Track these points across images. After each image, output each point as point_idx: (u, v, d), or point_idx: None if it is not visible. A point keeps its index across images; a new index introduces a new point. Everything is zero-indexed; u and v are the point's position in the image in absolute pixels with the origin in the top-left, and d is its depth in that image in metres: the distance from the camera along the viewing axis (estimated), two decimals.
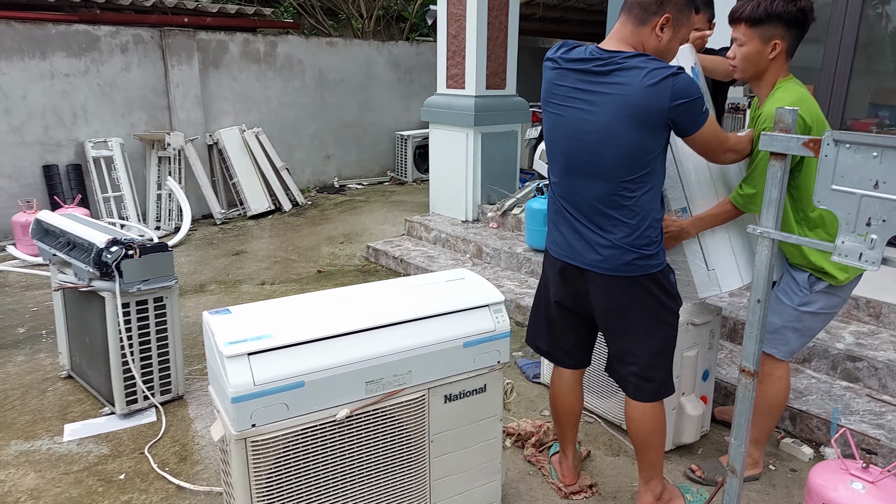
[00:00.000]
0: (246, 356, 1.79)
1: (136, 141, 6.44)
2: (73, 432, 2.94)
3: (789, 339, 2.41)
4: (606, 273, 2.15)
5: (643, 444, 2.30)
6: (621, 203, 2.11)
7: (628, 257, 2.13)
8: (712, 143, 2.15)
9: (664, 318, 2.22)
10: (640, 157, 2.07)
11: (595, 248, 2.16)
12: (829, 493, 1.98)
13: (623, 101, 2.01)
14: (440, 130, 5.92)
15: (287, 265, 5.50)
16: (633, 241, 2.12)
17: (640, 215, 2.12)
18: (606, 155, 2.08)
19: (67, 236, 3.02)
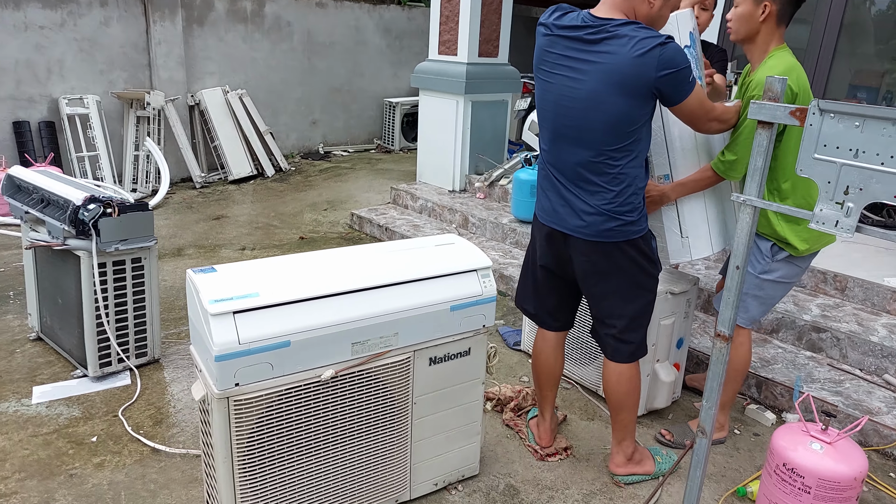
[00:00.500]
0: (231, 314, 1.74)
1: (113, 99, 6.24)
2: (42, 394, 2.87)
3: (749, 307, 2.47)
4: (589, 238, 2.18)
5: (618, 405, 2.35)
6: (605, 170, 2.12)
7: (611, 224, 2.15)
8: (698, 112, 2.16)
9: (643, 283, 2.26)
10: (626, 126, 2.08)
11: (578, 214, 2.18)
12: (789, 453, 2.04)
13: (611, 70, 2.02)
14: (430, 97, 5.82)
15: (269, 231, 5.41)
16: (615, 207, 2.14)
17: (625, 183, 2.13)
18: (592, 122, 2.09)
19: (41, 193, 2.91)
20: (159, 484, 2.33)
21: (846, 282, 3.49)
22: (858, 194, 1.55)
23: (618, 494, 2.35)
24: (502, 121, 5.93)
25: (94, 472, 2.38)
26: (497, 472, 2.45)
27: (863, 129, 1.52)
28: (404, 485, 2.21)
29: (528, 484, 2.39)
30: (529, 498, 2.31)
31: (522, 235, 4.76)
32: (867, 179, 1.52)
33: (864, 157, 1.52)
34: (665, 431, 2.68)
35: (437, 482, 2.30)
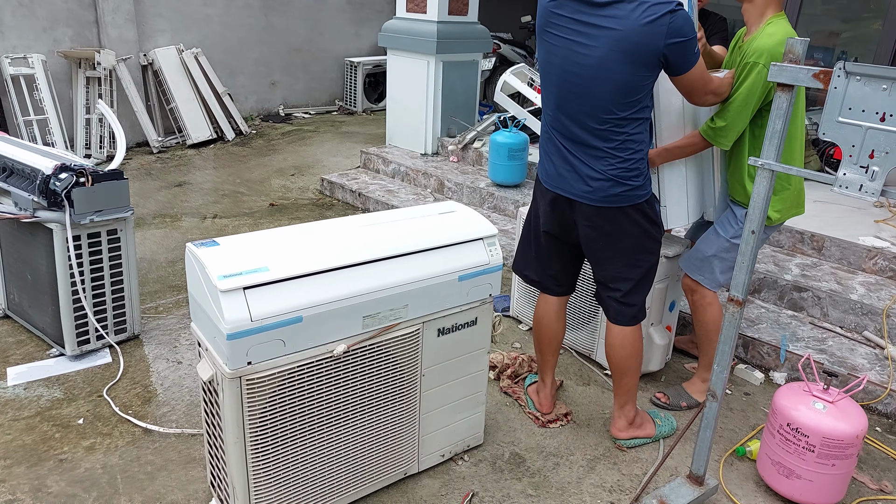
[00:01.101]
0: (242, 290, 1.66)
1: (60, 59, 5.83)
2: (17, 376, 2.72)
3: (714, 268, 2.53)
4: (595, 204, 2.17)
5: (620, 369, 2.37)
6: (611, 136, 2.11)
7: (617, 189, 2.14)
8: (697, 84, 2.16)
9: (647, 247, 2.27)
10: (633, 94, 2.07)
11: (584, 180, 2.16)
12: (792, 413, 2.09)
13: (619, 36, 1.99)
14: (399, 57, 5.64)
15: (236, 198, 5.22)
16: (621, 173, 2.13)
17: (631, 148, 2.13)
18: (598, 89, 2.06)
19: (3, 161, 2.70)
20: (156, 465, 2.25)
21: (823, 241, 3.59)
22: (884, 158, 1.55)
23: (621, 459, 2.39)
24: (473, 82, 5.81)
25: (86, 455, 2.28)
26: (500, 440, 2.46)
27: (890, 92, 1.52)
28: (413, 457, 2.20)
29: (533, 451, 2.41)
30: (535, 465, 2.33)
31: (501, 200, 4.73)
32: (894, 144, 1.53)
33: (892, 121, 1.52)
34: (660, 394, 2.74)
35: (444, 453, 2.29)
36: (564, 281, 2.47)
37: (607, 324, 2.39)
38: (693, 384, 2.73)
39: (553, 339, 2.52)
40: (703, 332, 2.63)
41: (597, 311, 2.90)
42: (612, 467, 2.34)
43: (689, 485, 2.05)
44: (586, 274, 2.89)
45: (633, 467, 2.35)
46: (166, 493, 2.13)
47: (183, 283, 3.66)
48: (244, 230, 4.55)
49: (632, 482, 2.27)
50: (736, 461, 2.41)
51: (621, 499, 2.19)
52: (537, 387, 2.64)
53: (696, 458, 2.02)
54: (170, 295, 3.51)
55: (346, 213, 5.05)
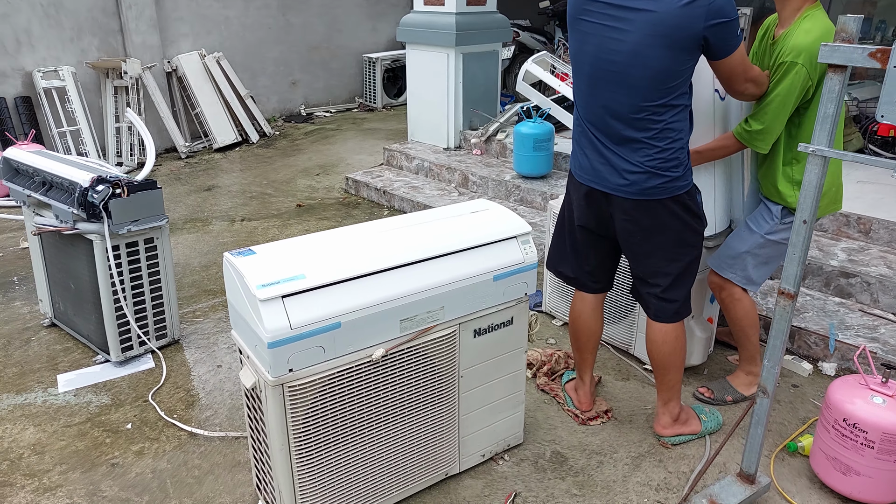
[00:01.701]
0: (280, 299, 1.67)
1: (88, 70, 5.93)
2: (67, 382, 2.79)
3: (747, 265, 2.46)
4: (632, 197, 2.11)
5: (663, 366, 2.32)
6: (649, 126, 2.05)
7: (655, 181, 2.09)
8: (738, 69, 2.09)
9: (688, 240, 2.21)
10: (671, 80, 2.00)
11: (620, 173, 2.11)
12: (849, 407, 2.03)
13: (655, 20, 1.92)
14: (418, 51, 5.62)
15: (264, 200, 5.27)
16: (660, 164, 2.07)
17: (670, 137, 2.07)
18: (635, 77, 2.00)
19: (42, 175, 2.76)
20: (203, 470, 2.29)
21: (870, 224, 3.47)
22: None
23: (667, 456, 2.36)
24: (494, 72, 5.76)
25: (136, 460, 2.33)
26: (541, 438, 2.45)
27: None
28: (453, 458, 2.20)
29: (575, 449, 2.39)
30: (578, 464, 2.32)
31: (527, 192, 4.70)
32: None
33: None
34: (704, 389, 2.68)
35: (485, 453, 2.29)
36: (601, 277, 2.42)
37: (647, 320, 2.34)
38: (737, 377, 2.68)
39: (591, 337, 2.48)
40: (738, 328, 2.58)
41: (634, 305, 2.86)
42: (657, 465, 2.32)
43: (741, 483, 2.01)
44: (622, 267, 2.86)
45: (680, 464, 2.32)
46: (214, 496, 2.17)
47: (217, 287, 3.71)
48: (273, 231, 4.59)
49: (679, 480, 2.24)
50: (787, 457, 2.36)
51: (669, 497, 2.17)
52: (575, 384, 2.62)
53: (747, 456, 1.98)
54: (205, 299, 3.56)
55: (371, 211, 5.06)
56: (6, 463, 2.31)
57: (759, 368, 2.67)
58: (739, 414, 2.50)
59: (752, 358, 2.65)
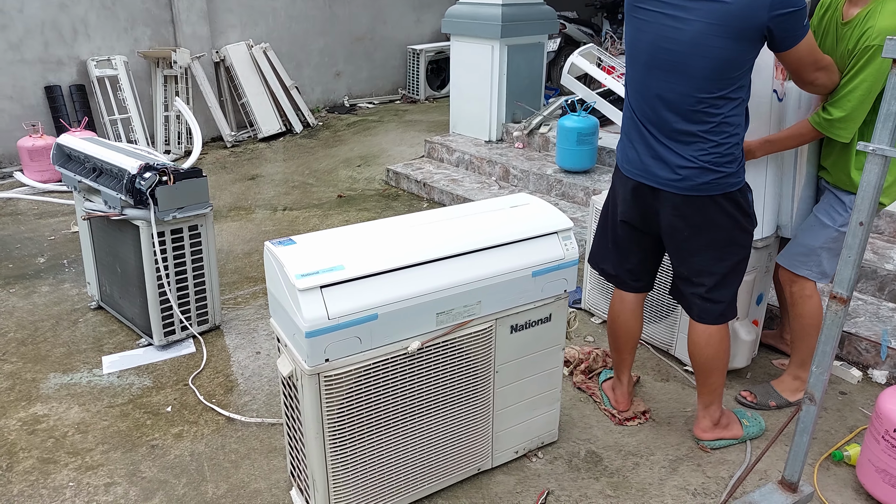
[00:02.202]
0: (319, 289, 1.68)
1: (140, 59, 6.09)
2: (111, 364, 2.88)
3: (822, 260, 2.37)
4: (683, 193, 2.05)
5: (705, 369, 2.26)
6: (706, 119, 1.98)
7: (708, 176, 2.02)
8: (807, 59, 2.00)
9: (738, 239, 2.14)
10: (731, 71, 1.93)
11: (671, 167, 2.05)
12: None
13: (717, 9, 1.86)
14: (463, 43, 5.58)
15: (306, 190, 5.33)
16: (714, 158, 2.01)
17: (726, 132, 2.00)
18: (694, 67, 1.94)
19: (93, 162, 2.84)
20: (240, 454, 2.33)
21: None
22: None
23: (706, 460, 2.30)
24: (539, 65, 5.69)
25: (175, 442, 2.39)
26: (576, 437, 2.41)
27: None
28: (486, 453, 2.18)
29: (610, 450, 2.35)
30: (614, 465, 2.28)
31: (569, 187, 4.63)
32: None
33: None
34: (746, 393, 2.60)
35: (518, 450, 2.27)
36: (643, 276, 2.37)
37: (690, 321, 2.28)
38: (783, 382, 2.59)
39: (629, 337, 2.43)
40: (800, 326, 2.47)
41: (677, 305, 2.79)
42: (696, 469, 2.26)
43: (782, 491, 1.94)
44: (664, 265, 2.79)
45: (720, 469, 2.25)
46: (250, 481, 2.20)
47: (258, 274, 3.77)
48: (314, 221, 4.64)
49: (717, 486, 2.18)
50: (832, 466, 2.28)
51: (707, 503, 2.11)
52: (613, 384, 2.57)
53: (790, 464, 1.91)
54: (247, 286, 3.62)
55: (411, 203, 5.07)
56: (51, 440, 2.40)
57: (808, 374, 2.57)
58: (783, 420, 2.42)
59: (804, 363, 2.54)
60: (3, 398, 2.64)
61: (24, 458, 2.30)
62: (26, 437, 2.41)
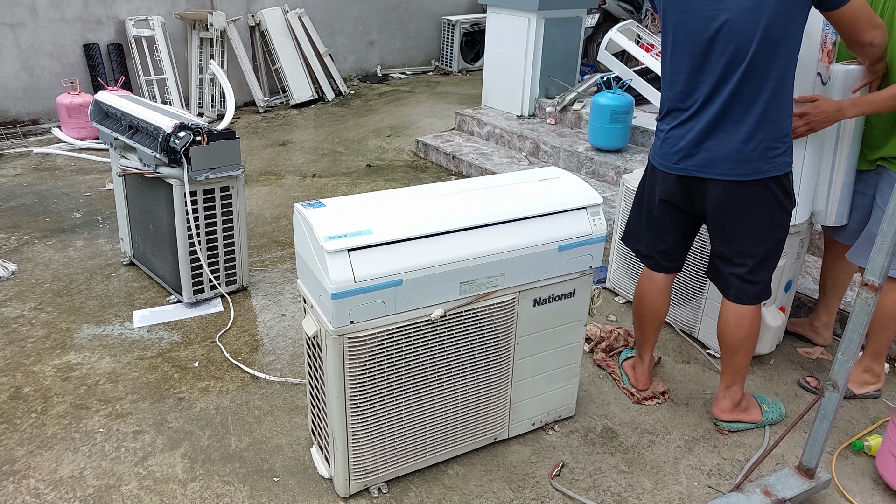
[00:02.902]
0: (346, 252, 1.70)
1: (176, 21, 6.13)
2: (142, 319, 2.96)
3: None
4: (731, 177, 2.02)
5: (733, 349, 2.25)
6: (752, 97, 1.94)
7: (755, 157, 1.98)
8: (861, 15, 1.92)
9: (780, 220, 2.12)
10: (779, 40, 1.88)
11: (722, 150, 2.01)
12: None
13: None
14: (499, 14, 5.50)
15: (335, 158, 5.35)
16: (763, 135, 1.97)
17: (778, 108, 1.96)
18: (738, 38, 1.89)
19: (129, 119, 2.89)
20: (263, 410, 2.39)
21: None
22: None
23: (722, 442, 2.30)
24: (576, 40, 5.59)
25: (201, 396, 2.46)
26: (593, 413, 2.42)
27: None
28: (503, 423, 2.21)
29: (627, 427, 2.36)
30: (629, 441, 2.29)
31: (600, 165, 4.58)
32: None
33: None
34: (811, 378, 2.60)
35: (535, 422, 2.29)
36: (676, 256, 2.34)
37: (723, 301, 2.25)
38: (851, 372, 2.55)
39: (655, 317, 2.42)
40: (879, 318, 2.39)
41: (702, 287, 2.77)
42: (712, 450, 2.26)
43: (799, 476, 1.94)
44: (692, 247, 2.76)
45: (736, 452, 2.25)
46: (272, 436, 2.27)
47: (286, 238, 3.82)
48: (342, 189, 4.67)
49: (733, 468, 2.18)
50: (851, 455, 2.26)
51: (721, 483, 2.12)
52: (633, 362, 2.57)
53: (809, 450, 1.90)
54: (275, 250, 3.68)
55: (439, 175, 5.06)
56: (84, 388, 2.49)
57: (880, 367, 2.54)
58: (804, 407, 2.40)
59: (879, 355, 2.49)
60: (39, 345, 2.74)
61: (58, 403, 2.40)
62: (60, 384, 2.50)
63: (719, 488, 2.10)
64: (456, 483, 2.08)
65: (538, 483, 2.09)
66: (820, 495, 2.05)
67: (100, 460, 2.14)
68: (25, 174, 4.73)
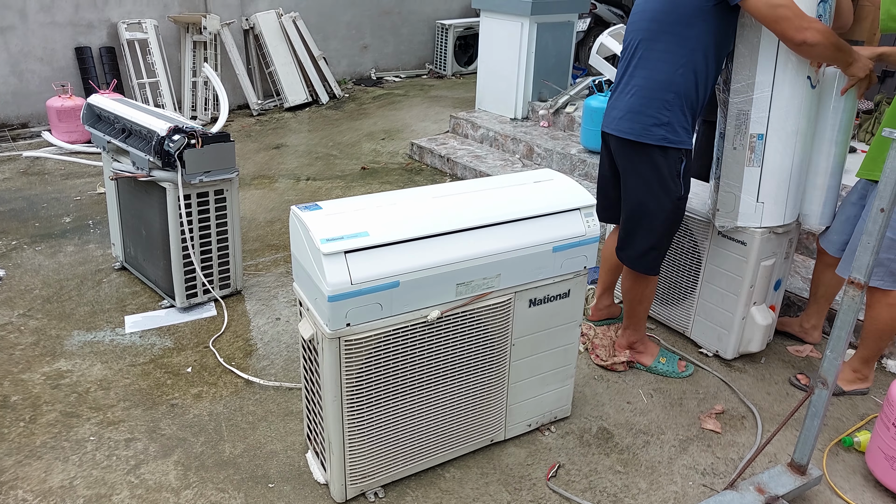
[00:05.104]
0: (343, 254, 1.70)
1: (170, 24, 6.12)
2: (134, 324, 2.94)
3: (893, 267, 2.33)
4: (619, 135, 2.37)
5: (623, 296, 2.63)
6: (641, 70, 2.28)
7: (637, 122, 2.29)
8: (778, 13, 2.05)
9: (656, 193, 2.35)
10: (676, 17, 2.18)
11: (619, 109, 2.36)
12: None
13: None
14: (493, 19, 5.53)
15: (329, 161, 5.35)
16: (643, 107, 2.27)
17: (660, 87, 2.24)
18: (640, 21, 2.28)
19: (122, 122, 2.88)
20: (257, 416, 2.38)
21: None
22: None
23: (716, 442, 2.31)
24: (567, 44, 5.62)
25: (194, 402, 2.45)
26: (588, 414, 2.43)
27: None
28: (499, 425, 2.21)
29: (622, 427, 2.37)
30: (624, 442, 2.30)
31: (592, 167, 4.59)
32: None
33: None
34: (801, 376, 2.63)
35: (531, 423, 2.30)
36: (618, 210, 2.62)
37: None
38: (841, 371, 2.57)
39: (609, 258, 2.78)
40: (874, 328, 2.44)
41: (693, 289, 2.79)
42: (705, 449, 2.27)
43: (791, 473, 1.95)
44: (683, 248, 2.78)
45: (729, 451, 2.26)
46: (266, 442, 2.26)
47: (280, 242, 3.81)
48: (336, 192, 4.67)
49: (726, 466, 2.20)
50: (842, 452, 2.28)
51: (715, 482, 2.13)
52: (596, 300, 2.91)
53: (800, 447, 1.92)
54: (268, 253, 3.67)
55: (434, 178, 5.07)
56: (74, 395, 2.47)
57: (869, 371, 2.58)
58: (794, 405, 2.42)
59: (867, 360, 2.54)
60: (29, 353, 2.71)
61: (47, 411, 2.37)
62: (50, 392, 2.48)
63: (714, 487, 2.11)
64: (452, 486, 2.08)
65: (535, 485, 2.09)
66: (812, 491, 2.07)
67: (91, 469, 2.12)
68: (14, 178, 4.70)
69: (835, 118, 2.41)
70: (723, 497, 1.90)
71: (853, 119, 2.45)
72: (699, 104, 2.29)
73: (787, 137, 2.35)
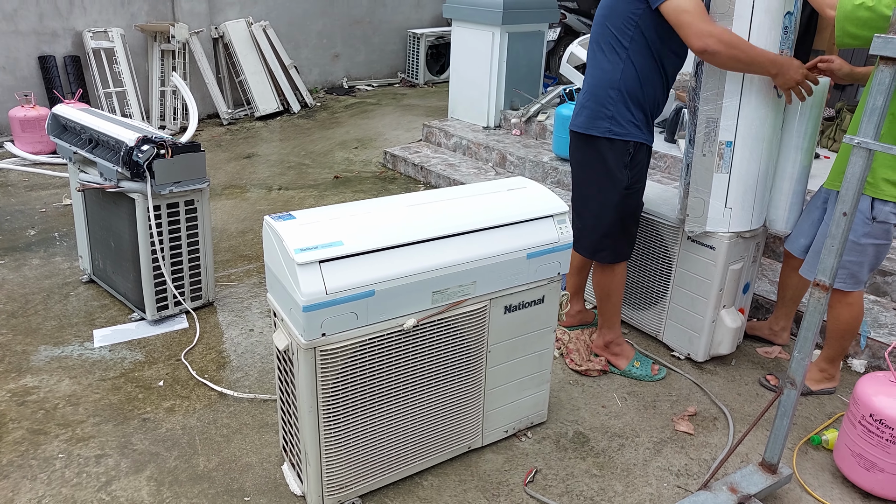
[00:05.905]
0: (317, 264, 1.69)
1: (137, 33, 6.03)
2: (103, 338, 2.88)
3: (854, 270, 2.38)
4: (572, 128, 2.50)
5: (595, 291, 2.72)
6: (591, 67, 2.41)
7: (585, 116, 2.41)
8: (682, 18, 2.13)
9: (602, 182, 2.45)
10: (615, 20, 2.29)
11: (575, 107, 2.51)
12: (875, 403, 2.01)
13: None
14: (464, 29, 5.57)
15: (301, 171, 5.32)
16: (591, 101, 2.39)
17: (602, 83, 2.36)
18: (599, 17, 2.38)
19: (89, 133, 2.82)
20: (231, 429, 2.35)
21: None
22: None
23: (689, 443, 2.35)
24: (538, 53, 5.69)
25: (167, 416, 2.40)
26: (564, 418, 2.45)
27: None
28: (477, 431, 2.22)
29: (597, 431, 2.39)
30: (600, 445, 2.32)
31: (564, 174, 4.65)
32: None
33: None
34: (771, 376, 2.69)
35: (508, 429, 2.30)
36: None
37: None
38: (809, 371, 2.63)
39: (575, 263, 2.81)
40: (836, 328, 2.50)
41: (665, 293, 2.83)
42: (679, 451, 2.31)
43: (762, 472, 1.99)
44: (654, 253, 2.83)
45: (702, 452, 2.30)
46: (241, 455, 2.23)
47: (253, 252, 3.77)
48: (309, 202, 4.64)
49: (700, 467, 2.23)
50: (811, 450, 2.33)
51: (689, 483, 2.16)
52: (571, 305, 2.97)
53: (771, 446, 1.96)
54: (241, 264, 3.63)
55: (408, 186, 5.07)
56: (42, 412, 2.40)
57: (835, 370, 2.64)
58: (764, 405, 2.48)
59: (832, 359, 2.60)
60: None
61: (13, 429, 2.31)
62: (16, 409, 2.41)
63: (688, 488, 2.14)
64: (430, 494, 2.08)
65: (512, 491, 2.10)
66: (783, 489, 2.11)
67: (60, 487, 2.07)
68: None
69: (800, 126, 2.48)
70: (697, 497, 1.93)
71: (818, 127, 2.53)
72: (648, 101, 2.37)
73: (755, 144, 2.41)
